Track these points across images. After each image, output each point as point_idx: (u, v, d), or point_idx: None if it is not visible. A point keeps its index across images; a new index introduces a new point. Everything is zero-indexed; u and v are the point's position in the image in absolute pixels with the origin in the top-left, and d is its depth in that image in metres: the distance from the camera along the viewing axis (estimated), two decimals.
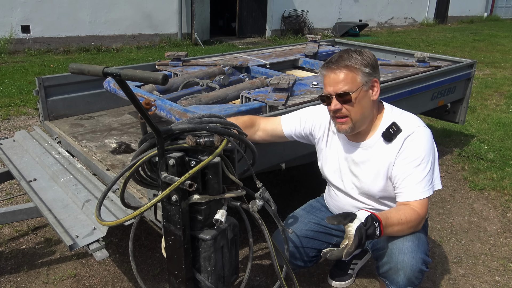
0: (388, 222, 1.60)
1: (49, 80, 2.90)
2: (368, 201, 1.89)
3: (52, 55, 9.04)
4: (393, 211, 1.70)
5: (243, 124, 1.94)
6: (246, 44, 11.58)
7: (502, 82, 7.46)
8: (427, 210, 1.71)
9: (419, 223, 1.70)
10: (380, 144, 1.79)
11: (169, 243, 1.46)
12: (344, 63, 1.70)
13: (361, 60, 1.70)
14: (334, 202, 2.05)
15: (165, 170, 1.38)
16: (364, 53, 1.75)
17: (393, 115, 1.82)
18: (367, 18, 15.78)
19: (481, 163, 4.07)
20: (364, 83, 1.71)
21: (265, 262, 2.60)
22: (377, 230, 1.54)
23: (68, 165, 2.42)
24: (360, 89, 1.71)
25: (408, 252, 1.66)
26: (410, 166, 1.71)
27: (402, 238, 1.69)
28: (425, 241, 1.74)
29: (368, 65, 1.72)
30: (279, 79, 2.67)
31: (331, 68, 1.72)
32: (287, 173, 2.68)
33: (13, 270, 2.48)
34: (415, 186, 1.69)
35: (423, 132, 1.75)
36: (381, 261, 1.74)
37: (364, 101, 1.74)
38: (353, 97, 1.70)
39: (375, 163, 1.80)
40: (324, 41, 4.65)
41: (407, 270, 1.65)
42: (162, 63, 3.43)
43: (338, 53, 1.77)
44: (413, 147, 1.72)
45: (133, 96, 1.20)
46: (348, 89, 1.70)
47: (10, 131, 4.65)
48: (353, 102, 1.71)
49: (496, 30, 16.02)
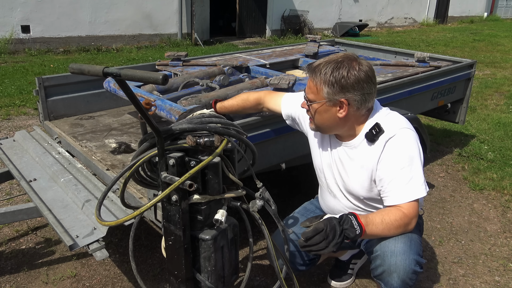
0: (369, 220, 1.61)
1: (49, 80, 2.90)
2: (355, 201, 1.88)
3: (52, 55, 9.03)
4: (376, 212, 1.73)
5: (251, 103, 2.15)
6: (246, 44, 11.58)
7: (502, 82, 7.46)
8: (416, 211, 1.68)
9: (408, 223, 1.67)
10: (363, 145, 1.77)
11: (169, 243, 1.46)
12: (313, 73, 1.68)
13: (327, 77, 1.64)
14: (326, 203, 2.05)
15: (165, 170, 1.38)
16: (341, 70, 1.63)
17: (379, 116, 1.76)
18: (367, 18, 15.78)
19: (481, 163, 4.07)
20: (327, 100, 1.68)
21: (265, 262, 2.60)
22: (354, 223, 1.56)
23: (68, 165, 2.42)
24: (322, 103, 1.69)
25: (401, 254, 1.66)
26: (395, 170, 1.68)
27: (394, 240, 1.68)
28: (417, 242, 1.72)
29: (333, 85, 1.64)
30: (279, 79, 2.67)
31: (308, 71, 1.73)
32: (287, 173, 2.68)
33: (13, 270, 2.48)
34: (400, 189, 1.67)
35: (405, 134, 1.70)
36: (374, 263, 1.74)
37: (327, 114, 1.72)
38: (313, 107, 1.72)
39: (359, 164, 1.78)
40: (324, 41, 4.65)
41: (400, 272, 1.65)
42: (162, 63, 3.43)
43: (326, 58, 1.72)
44: (396, 150, 1.68)
45: (133, 96, 1.20)
46: (311, 98, 1.72)
47: (10, 131, 4.65)
48: (313, 111, 1.74)
49: (496, 30, 16.01)
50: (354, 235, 1.55)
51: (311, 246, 1.54)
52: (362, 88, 1.65)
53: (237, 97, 2.21)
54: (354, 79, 1.63)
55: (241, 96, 2.21)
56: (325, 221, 1.55)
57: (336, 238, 1.52)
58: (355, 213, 1.61)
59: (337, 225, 1.54)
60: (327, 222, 1.55)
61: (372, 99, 1.72)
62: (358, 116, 1.74)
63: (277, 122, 2.28)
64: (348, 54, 1.71)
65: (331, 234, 1.52)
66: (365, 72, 1.65)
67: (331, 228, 1.53)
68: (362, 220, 1.59)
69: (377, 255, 1.72)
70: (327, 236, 1.52)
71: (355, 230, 1.55)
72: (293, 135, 2.33)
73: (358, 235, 1.56)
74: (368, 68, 1.67)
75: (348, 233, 1.55)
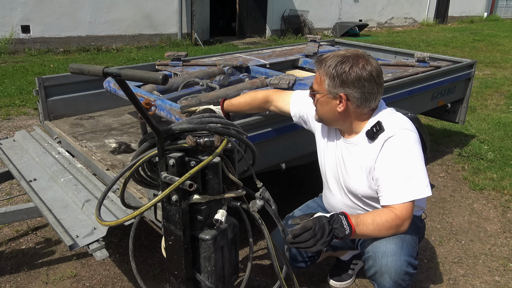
0: (360, 220, 1.61)
1: (49, 80, 2.90)
2: (355, 200, 1.88)
3: (52, 55, 9.03)
4: (368, 212, 1.73)
5: (259, 101, 2.14)
6: (246, 44, 11.58)
7: (502, 82, 7.46)
8: (410, 213, 1.66)
9: (400, 225, 1.65)
10: (364, 143, 1.77)
11: (169, 243, 1.46)
12: (319, 64, 1.72)
13: (330, 70, 1.67)
14: (328, 201, 2.05)
15: (165, 170, 1.38)
16: (345, 65, 1.65)
17: (382, 115, 1.76)
18: (367, 18, 15.78)
19: (481, 163, 4.07)
20: (329, 92, 1.70)
21: (265, 262, 2.60)
22: (344, 223, 1.56)
23: (68, 165, 2.42)
24: (323, 94, 1.72)
25: (391, 255, 1.65)
26: (391, 170, 1.67)
27: (385, 242, 1.68)
28: (410, 244, 1.71)
29: (334, 78, 1.66)
30: (279, 79, 2.67)
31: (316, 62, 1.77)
32: (287, 173, 2.68)
33: (13, 270, 2.48)
34: (396, 189, 1.66)
35: (405, 135, 1.69)
36: (367, 264, 1.75)
37: (327, 107, 1.74)
38: (316, 97, 1.77)
39: (358, 162, 1.79)
40: (324, 41, 4.65)
41: (391, 273, 1.65)
42: (162, 63, 3.43)
43: (337, 51, 1.74)
44: (394, 150, 1.67)
45: (133, 96, 1.20)
46: (315, 88, 1.77)
47: (10, 131, 4.65)
48: (316, 101, 1.78)
49: (496, 30, 16.01)
50: (344, 234, 1.55)
51: (299, 243, 1.54)
52: (362, 86, 1.65)
53: (245, 95, 2.21)
54: (355, 76, 1.64)
55: (249, 94, 2.21)
56: (314, 220, 1.55)
57: (325, 237, 1.52)
58: (345, 213, 1.62)
59: (327, 224, 1.54)
60: (316, 221, 1.54)
61: (375, 99, 1.71)
62: (359, 114, 1.74)
63: (277, 122, 2.28)
64: (358, 51, 1.72)
65: (319, 233, 1.52)
66: (369, 72, 1.65)
67: (320, 226, 1.53)
68: (352, 220, 1.59)
69: (369, 256, 1.72)
70: (315, 235, 1.52)
71: (345, 230, 1.55)
72: (293, 135, 2.33)
73: (347, 235, 1.56)
74: (374, 68, 1.66)
75: (337, 233, 1.55)
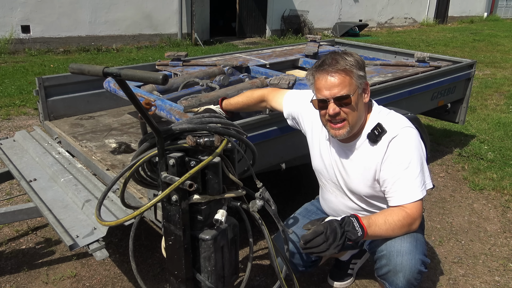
0: (371, 221, 1.61)
1: (49, 80, 2.90)
2: (358, 201, 1.89)
3: (52, 55, 9.03)
4: (378, 213, 1.73)
5: (255, 100, 2.16)
6: (246, 44, 11.58)
7: (502, 82, 7.46)
8: (420, 212, 1.69)
9: (411, 223, 1.67)
10: (366, 146, 1.77)
11: (169, 243, 1.46)
12: (341, 66, 1.65)
13: (355, 63, 1.67)
14: (327, 204, 2.05)
15: (165, 170, 1.38)
16: (354, 55, 1.71)
17: (380, 116, 1.78)
18: (367, 18, 15.77)
19: (481, 163, 4.07)
20: (359, 85, 1.70)
21: (265, 262, 2.60)
22: (356, 225, 1.56)
23: (68, 165, 2.42)
24: (356, 92, 1.69)
25: (407, 254, 1.66)
26: (399, 170, 1.68)
27: (399, 240, 1.68)
28: (422, 242, 1.73)
29: (362, 68, 1.70)
30: (279, 79, 2.67)
31: (327, 71, 1.66)
32: (287, 173, 2.68)
33: (13, 270, 2.48)
34: (405, 189, 1.67)
35: (408, 133, 1.72)
36: (380, 263, 1.74)
37: (360, 103, 1.73)
38: (352, 100, 1.67)
39: (361, 164, 1.79)
40: (324, 41, 4.65)
41: (406, 272, 1.65)
42: (162, 63, 3.43)
43: (328, 55, 1.71)
44: (400, 150, 1.69)
45: (133, 96, 1.20)
46: (347, 92, 1.65)
47: (10, 131, 4.65)
48: (352, 105, 1.67)
49: (496, 30, 16.00)
50: (356, 237, 1.55)
51: (312, 248, 1.54)
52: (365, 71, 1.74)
53: (242, 94, 2.23)
54: (364, 61, 1.73)
55: (246, 93, 2.23)
56: (325, 224, 1.56)
57: (337, 240, 1.53)
58: (357, 215, 1.61)
59: (338, 228, 1.54)
60: (327, 225, 1.55)
61: None
62: (367, 104, 1.79)
63: (277, 122, 2.28)
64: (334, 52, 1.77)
65: (331, 237, 1.52)
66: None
67: (331, 230, 1.53)
68: (364, 221, 1.59)
69: (383, 255, 1.71)
70: (327, 239, 1.52)
71: (357, 232, 1.56)
72: (293, 135, 2.33)
73: (360, 237, 1.56)
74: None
75: (350, 235, 1.55)
